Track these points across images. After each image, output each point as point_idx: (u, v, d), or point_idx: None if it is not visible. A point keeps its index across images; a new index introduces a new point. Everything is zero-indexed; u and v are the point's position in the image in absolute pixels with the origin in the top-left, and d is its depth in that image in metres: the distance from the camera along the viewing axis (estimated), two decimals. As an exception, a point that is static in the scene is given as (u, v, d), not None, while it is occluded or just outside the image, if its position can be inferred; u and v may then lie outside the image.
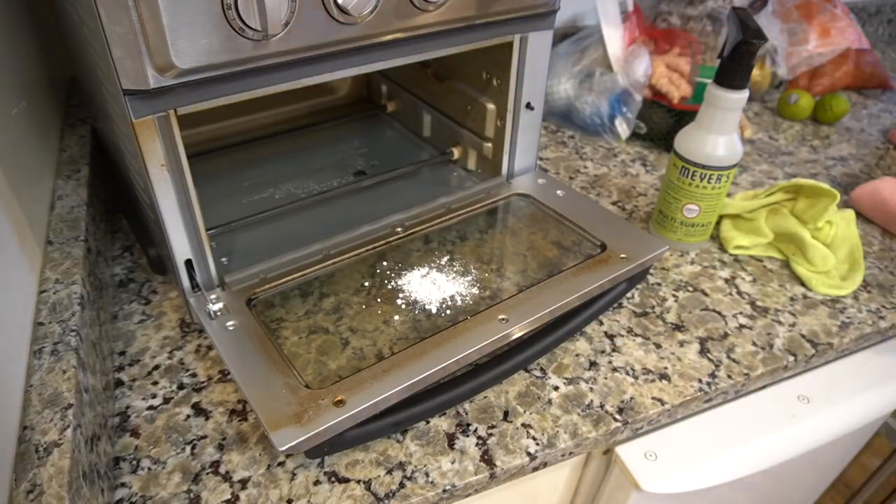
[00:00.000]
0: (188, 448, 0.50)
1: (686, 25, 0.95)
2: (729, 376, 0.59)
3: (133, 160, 0.51)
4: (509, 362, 0.55)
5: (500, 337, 0.52)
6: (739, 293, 0.69)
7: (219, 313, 0.54)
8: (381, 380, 0.48)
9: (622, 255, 0.61)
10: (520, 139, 0.70)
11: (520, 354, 0.56)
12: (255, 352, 0.50)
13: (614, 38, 0.91)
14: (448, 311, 0.57)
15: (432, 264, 0.63)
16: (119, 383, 0.55)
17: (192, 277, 0.55)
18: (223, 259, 0.62)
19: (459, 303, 0.59)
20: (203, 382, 0.55)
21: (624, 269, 0.59)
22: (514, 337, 0.54)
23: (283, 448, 0.43)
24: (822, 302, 0.68)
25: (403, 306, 0.58)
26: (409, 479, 0.49)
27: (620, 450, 0.59)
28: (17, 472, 0.37)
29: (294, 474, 0.49)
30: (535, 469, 0.52)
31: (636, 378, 0.58)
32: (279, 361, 0.49)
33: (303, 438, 0.43)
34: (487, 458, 0.50)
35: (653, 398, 0.56)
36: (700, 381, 0.58)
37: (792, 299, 0.68)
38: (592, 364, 0.59)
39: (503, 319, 0.53)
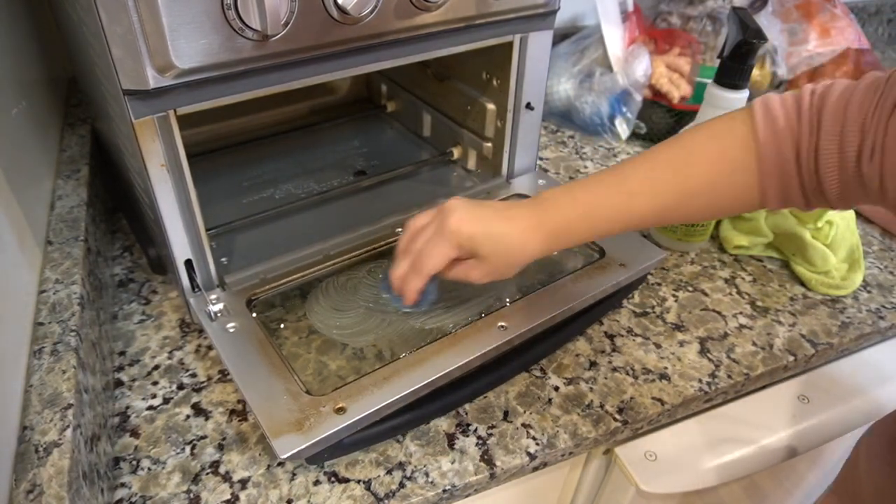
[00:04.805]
0: (188, 448, 0.50)
1: (686, 25, 0.95)
2: (729, 376, 0.59)
3: (133, 160, 0.51)
4: (508, 366, 0.55)
5: (499, 345, 0.52)
6: (739, 293, 0.69)
7: (219, 314, 0.54)
8: (381, 387, 0.48)
9: (621, 263, 0.61)
10: (520, 139, 0.69)
11: (519, 358, 0.56)
12: (256, 355, 0.50)
13: (614, 38, 0.91)
14: (448, 316, 0.58)
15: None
16: (119, 383, 0.55)
17: (192, 278, 0.55)
18: (223, 259, 0.62)
19: (459, 307, 0.59)
20: (203, 382, 0.55)
21: (622, 278, 0.59)
22: (513, 345, 0.54)
23: (285, 455, 0.43)
24: (822, 302, 0.68)
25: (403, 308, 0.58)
26: (409, 479, 0.49)
27: (620, 450, 0.59)
28: (17, 472, 0.37)
29: (294, 474, 0.49)
30: (535, 469, 0.52)
31: (636, 378, 0.58)
32: (280, 366, 0.49)
33: (304, 446, 0.43)
34: (487, 458, 0.50)
35: (653, 398, 0.56)
36: (700, 381, 0.58)
37: (792, 299, 0.68)
38: (592, 364, 0.59)
39: (502, 327, 0.53)
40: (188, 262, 0.54)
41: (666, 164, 0.46)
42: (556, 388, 0.57)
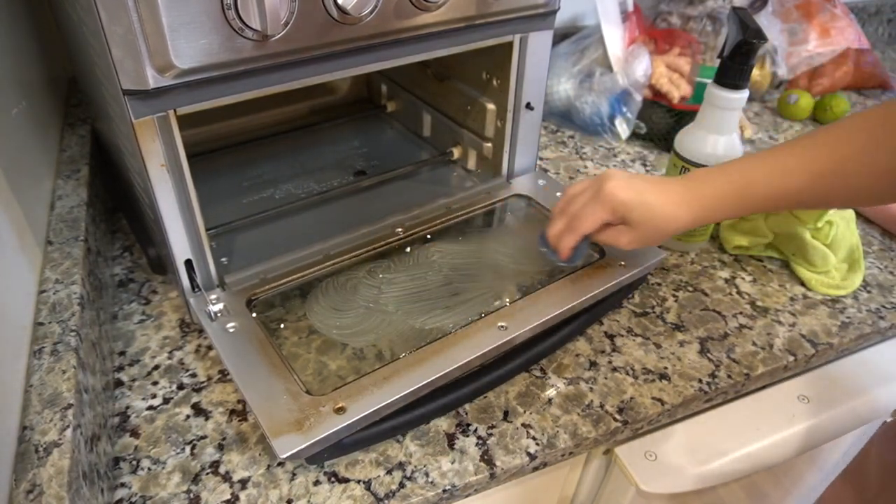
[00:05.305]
0: (188, 448, 0.50)
1: (686, 25, 0.95)
2: (729, 376, 0.59)
3: (133, 160, 0.51)
4: (508, 366, 0.55)
5: (499, 345, 0.52)
6: (739, 293, 0.69)
7: (219, 314, 0.54)
8: (381, 387, 0.48)
9: (621, 263, 0.61)
10: (520, 139, 0.70)
11: (519, 358, 0.56)
12: (256, 355, 0.50)
13: (614, 38, 0.91)
14: (448, 316, 0.57)
15: (431, 266, 0.63)
16: (119, 383, 0.55)
17: (192, 278, 0.55)
18: (223, 259, 0.62)
19: (459, 307, 0.59)
20: (203, 382, 0.55)
21: (622, 277, 0.59)
22: (513, 345, 0.54)
23: (285, 455, 0.43)
24: (822, 302, 0.68)
25: (403, 308, 0.58)
26: (409, 479, 0.49)
27: (620, 450, 0.59)
28: (17, 472, 0.37)
29: (294, 474, 0.49)
30: (535, 469, 0.52)
31: (636, 378, 0.58)
32: (280, 366, 0.49)
33: (304, 446, 0.43)
34: (487, 458, 0.50)
35: (653, 398, 0.56)
36: (700, 381, 0.58)
37: (792, 299, 0.68)
38: (592, 364, 0.59)
39: (502, 327, 0.53)
40: (188, 262, 0.54)
41: (822, 146, 0.47)
42: (556, 388, 0.57)
